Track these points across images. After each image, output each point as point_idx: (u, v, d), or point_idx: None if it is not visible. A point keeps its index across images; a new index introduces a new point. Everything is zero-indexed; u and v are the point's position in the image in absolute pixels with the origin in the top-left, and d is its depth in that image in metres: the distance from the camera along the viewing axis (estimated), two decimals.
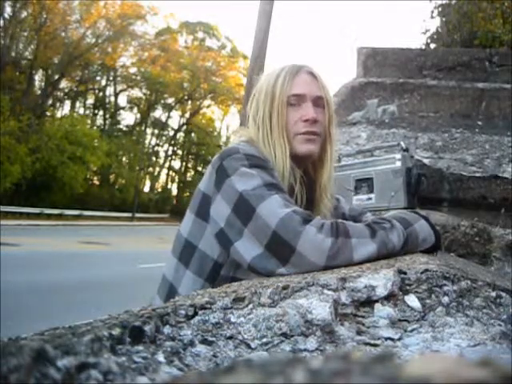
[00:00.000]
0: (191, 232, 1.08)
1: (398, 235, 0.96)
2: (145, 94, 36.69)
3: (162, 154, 39.08)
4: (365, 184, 2.03)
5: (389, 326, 0.67)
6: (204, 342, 0.57)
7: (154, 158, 37.66)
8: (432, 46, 4.32)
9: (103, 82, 35.55)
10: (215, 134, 41.47)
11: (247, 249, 0.94)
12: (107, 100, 36.26)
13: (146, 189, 37.18)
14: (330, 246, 0.88)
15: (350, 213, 1.32)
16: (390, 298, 0.71)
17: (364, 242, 0.91)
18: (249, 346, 0.58)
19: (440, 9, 4.39)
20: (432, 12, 4.42)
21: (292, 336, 0.61)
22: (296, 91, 1.10)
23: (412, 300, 0.71)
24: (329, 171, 1.16)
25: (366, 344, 0.63)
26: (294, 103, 1.10)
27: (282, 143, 1.08)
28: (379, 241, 0.92)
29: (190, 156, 41.46)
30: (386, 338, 0.64)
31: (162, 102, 37.37)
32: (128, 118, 39.51)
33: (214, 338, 0.58)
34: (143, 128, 37.31)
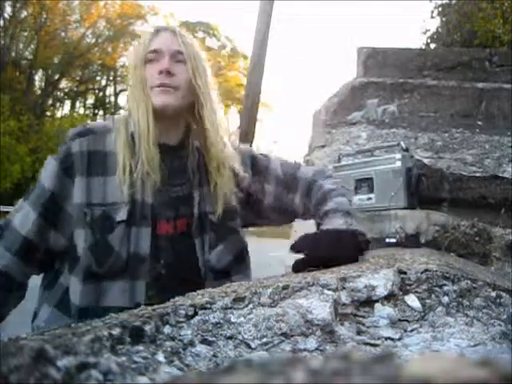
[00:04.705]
0: None
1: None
2: None
3: None
4: (365, 184, 2.03)
5: (389, 325, 0.67)
6: (204, 341, 0.57)
7: None
8: (432, 46, 4.33)
9: (103, 82, 35.54)
10: None
11: None
12: (107, 100, 36.26)
13: None
14: None
15: (283, 169, 1.26)
16: (390, 297, 0.71)
17: None
18: (249, 346, 0.59)
19: (440, 9, 4.39)
20: (432, 12, 4.43)
21: (292, 336, 0.61)
22: (153, 47, 1.13)
23: (412, 300, 0.71)
24: (212, 125, 1.13)
25: (366, 344, 0.63)
26: (153, 59, 1.12)
27: (143, 97, 1.10)
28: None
29: None
30: (386, 338, 0.65)
31: None
32: None
33: (214, 338, 0.58)
34: None
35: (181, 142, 1.16)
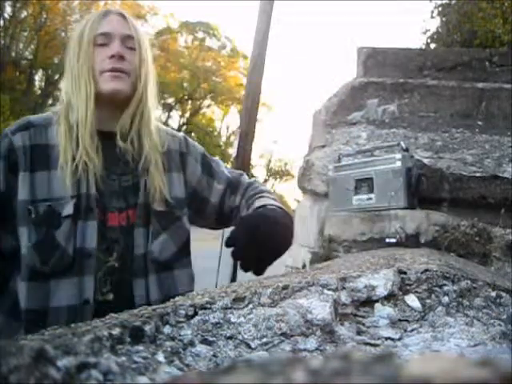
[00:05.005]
0: None
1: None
2: None
3: None
4: (365, 184, 2.03)
5: (389, 325, 0.67)
6: (204, 341, 0.57)
7: None
8: (432, 46, 4.32)
9: None
10: (215, 133, 41.46)
11: None
12: None
13: None
14: None
15: (230, 172, 1.29)
16: (390, 297, 0.71)
17: None
18: (249, 346, 0.58)
19: (440, 9, 4.39)
20: (432, 12, 4.42)
21: (292, 336, 0.61)
22: (103, 30, 1.08)
23: (412, 300, 0.71)
24: (134, 115, 1.10)
25: (366, 344, 0.63)
26: (102, 43, 1.08)
27: (87, 81, 1.05)
28: None
29: None
30: (386, 338, 0.65)
31: (162, 101, 37.36)
32: None
33: (214, 338, 0.58)
34: None
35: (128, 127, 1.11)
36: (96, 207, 1.04)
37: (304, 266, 2.30)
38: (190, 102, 38.36)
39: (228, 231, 1.06)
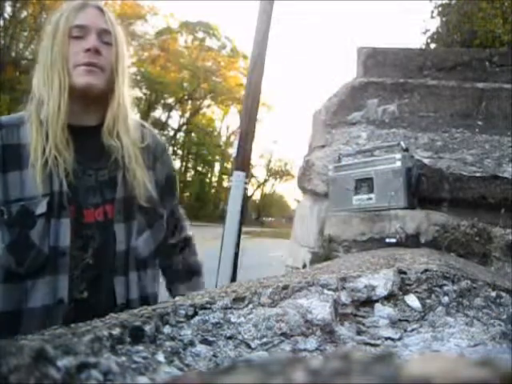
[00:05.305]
0: None
1: None
2: (145, 94, 36.61)
3: None
4: (365, 184, 2.03)
5: (389, 325, 0.67)
6: (204, 341, 0.57)
7: None
8: (432, 46, 4.32)
9: None
10: (215, 133, 41.49)
11: None
12: None
13: None
14: None
15: (179, 209, 1.33)
16: (390, 297, 0.71)
17: None
18: (249, 346, 0.58)
19: (440, 9, 4.39)
20: (432, 12, 4.42)
21: (292, 336, 0.61)
22: (79, 22, 1.06)
23: (412, 300, 0.71)
24: (115, 111, 1.09)
25: (366, 344, 0.63)
26: (78, 35, 1.05)
27: (61, 73, 1.03)
28: None
29: (189, 156, 41.48)
30: (386, 338, 0.64)
31: (162, 101, 37.35)
32: None
33: (214, 338, 0.58)
34: None
35: (102, 122, 1.09)
36: (69, 204, 1.02)
37: (304, 266, 2.30)
38: (189, 101, 38.36)
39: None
